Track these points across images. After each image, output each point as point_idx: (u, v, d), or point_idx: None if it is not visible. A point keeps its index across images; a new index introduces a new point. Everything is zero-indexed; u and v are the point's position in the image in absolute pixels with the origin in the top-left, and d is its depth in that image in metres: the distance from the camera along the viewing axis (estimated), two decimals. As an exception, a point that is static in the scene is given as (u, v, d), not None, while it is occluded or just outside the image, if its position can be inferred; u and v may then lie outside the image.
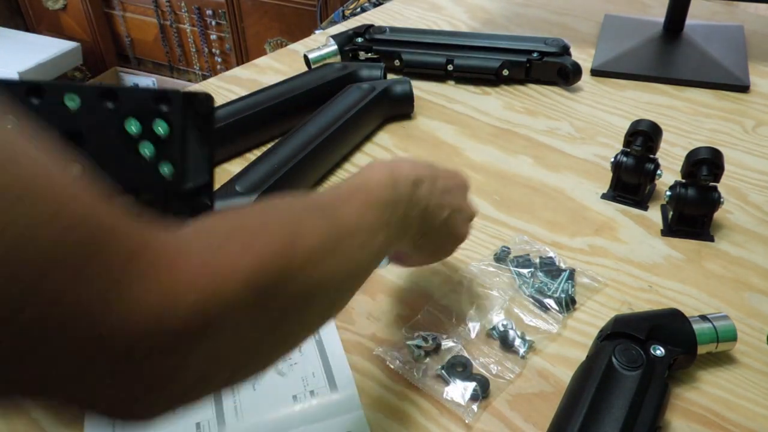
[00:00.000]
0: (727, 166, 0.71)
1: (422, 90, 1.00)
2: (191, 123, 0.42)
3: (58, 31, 2.89)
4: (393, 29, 1.06)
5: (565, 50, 0.99)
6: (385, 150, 0.87)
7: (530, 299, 0.64)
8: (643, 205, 0.76)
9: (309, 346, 0.59)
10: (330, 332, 0.60)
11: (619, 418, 0.47)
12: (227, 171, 0.83)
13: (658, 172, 0.74)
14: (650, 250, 0.70)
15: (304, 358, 0.58)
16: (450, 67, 1.01)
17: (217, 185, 0.75)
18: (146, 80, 2.84)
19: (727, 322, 0.57)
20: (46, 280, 0.24)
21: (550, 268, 0.66)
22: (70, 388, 0.27)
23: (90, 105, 0.41)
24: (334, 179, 0.82)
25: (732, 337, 0.56)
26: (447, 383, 0.56)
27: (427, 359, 0.58)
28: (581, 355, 0.56)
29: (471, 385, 0.55)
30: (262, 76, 1.06)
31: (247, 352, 0.34)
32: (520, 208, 0.76)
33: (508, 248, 0.69)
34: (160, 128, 0.41)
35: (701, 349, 0.55)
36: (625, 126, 0.76)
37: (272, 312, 0.34)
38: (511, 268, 0.67)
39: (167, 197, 0.42)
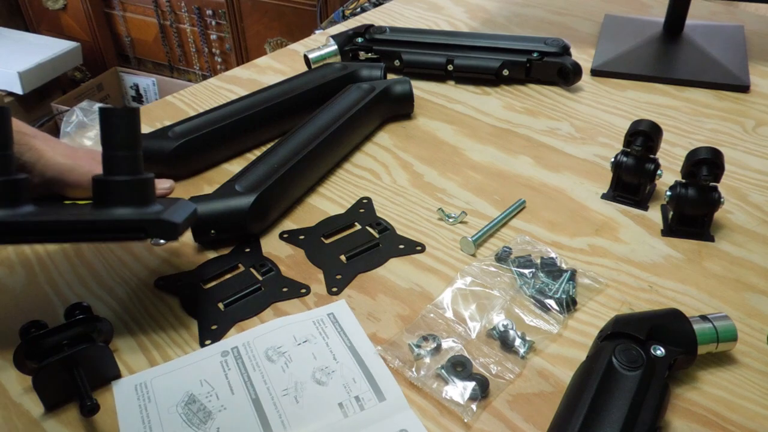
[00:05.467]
0: (727, 166, 0.71)
1: (422, 90, 1.00)
2: None
3: (58, 31, 2.89)
4: (393, 29, 1.06)
5: (565, 50, 0.99)
6: (385, 150, 0.87)
7: (531, 299, 0.64)
8: (643, 205, 0.76)
9: (343, 353, 0.58)
10: (361, 338, 0.60)
11: (619, 419, 0.47)
12: (227, 171, 0.83)
13: (658, 172, 0.74)
14: (650, 250, 0.70)
15: (340, 365, 0.57)
16: (450, 67, 1.01)
17: (217, 185, 0.75)
18: (146, 80, 2.84)
19: (728, 322, 0.57)
20: None
21: (551, 269, 0.66)
22: None
23: None
24: (335, 179, 0.82)
25: (732, 337, 0.56)
26: (447, 383, 0.56)
27: (427, 359, 0.58)
28: (581, 356, 0.56)
29: (470, 385, 0.55)
30: (262, 76, 1.06)
31: None
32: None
33: (510, 248, 0.69)
34: None
35: (701, 349, 0.55)
36: (625, 126, 0.76)
37: None
38: (513, 268, 0.67)
39: None
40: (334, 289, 0.66)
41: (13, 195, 0.55)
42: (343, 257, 0.69)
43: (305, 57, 1.03)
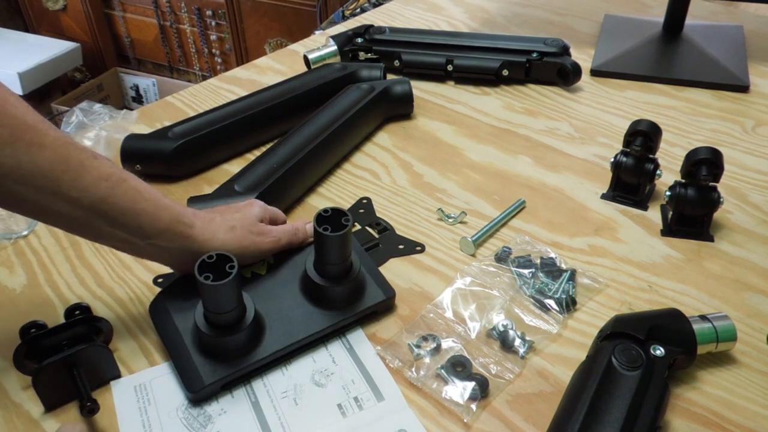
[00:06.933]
0: (727, 166, 0.71)
1: (422, 90, 1.00)
2: None
3: (58, 32, 2.89)
4: (393, 29, 1.06)
5: (564, 50, 0.99)
6: (385, 150, 0.87)
7: (531, 299, 0.64)
8: (643, 205, 0.76)
9: (342, 354, 0.59)
10: (360, 338, 0.60)
11: (619, 418, 0.47)
12: (227, 171, 0.83)
13: (658, 172, 0.74)
14: (650, 250, 0.70)
15: (339, 367, 0.57)
16: (450, 67, 1.01)
17: (217, 185, 0.75)
18: (146, 81, 2.84)
19: (727, 322, 0.57)
20: None
21: (551, 269, 0.66)
22: None
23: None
24: (334, 179, 0.82)
25: (732, 337, 0.56)
26: (446, 383, 0.55)
27: (427, 359, 0.58)
28: (581, 355, 0.56)
29: (470, 385, 0.55)
30: (262, 76, 1.06)
31: None
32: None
33: (510, 248, 0.69)
34: None
35: (701, 349, 0.55)
36: (624, 126, 0.76)
37: None
38: (512, 268, 0.67)
39: None
40: (334, 289, 0.66)
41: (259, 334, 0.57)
42: (342, 257, 0.69)
43: (305, 57, 1.03)
